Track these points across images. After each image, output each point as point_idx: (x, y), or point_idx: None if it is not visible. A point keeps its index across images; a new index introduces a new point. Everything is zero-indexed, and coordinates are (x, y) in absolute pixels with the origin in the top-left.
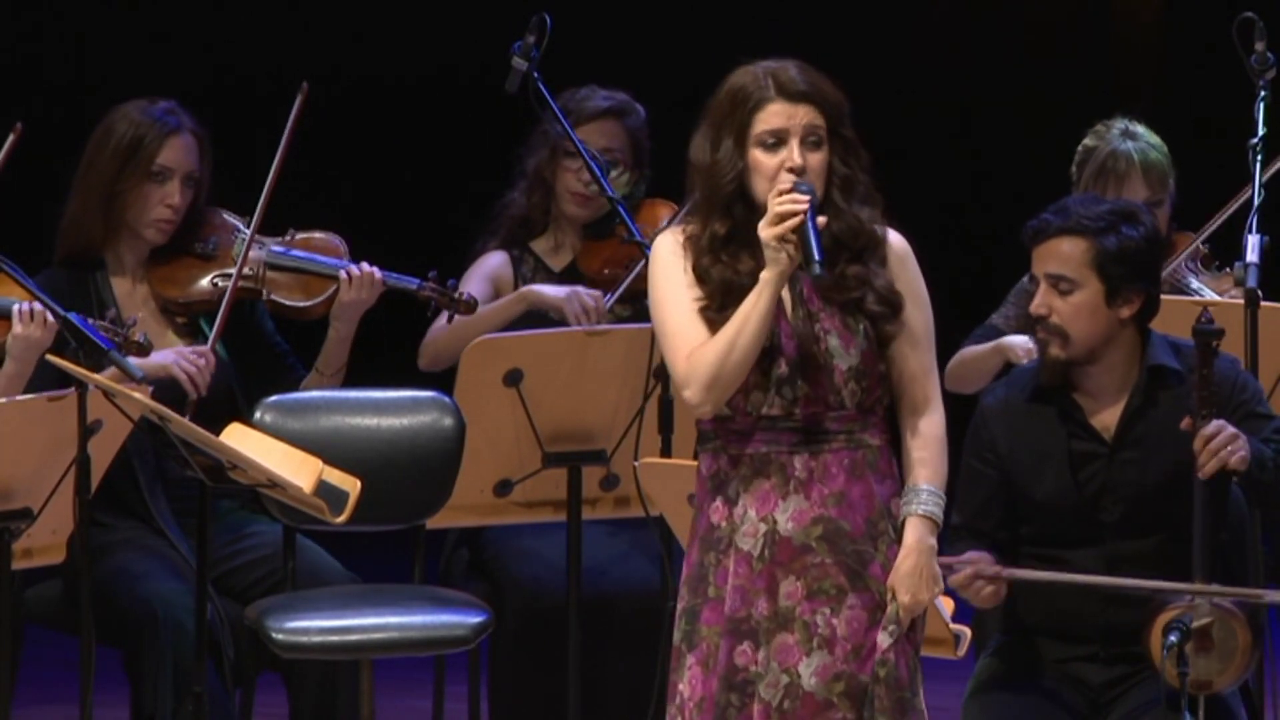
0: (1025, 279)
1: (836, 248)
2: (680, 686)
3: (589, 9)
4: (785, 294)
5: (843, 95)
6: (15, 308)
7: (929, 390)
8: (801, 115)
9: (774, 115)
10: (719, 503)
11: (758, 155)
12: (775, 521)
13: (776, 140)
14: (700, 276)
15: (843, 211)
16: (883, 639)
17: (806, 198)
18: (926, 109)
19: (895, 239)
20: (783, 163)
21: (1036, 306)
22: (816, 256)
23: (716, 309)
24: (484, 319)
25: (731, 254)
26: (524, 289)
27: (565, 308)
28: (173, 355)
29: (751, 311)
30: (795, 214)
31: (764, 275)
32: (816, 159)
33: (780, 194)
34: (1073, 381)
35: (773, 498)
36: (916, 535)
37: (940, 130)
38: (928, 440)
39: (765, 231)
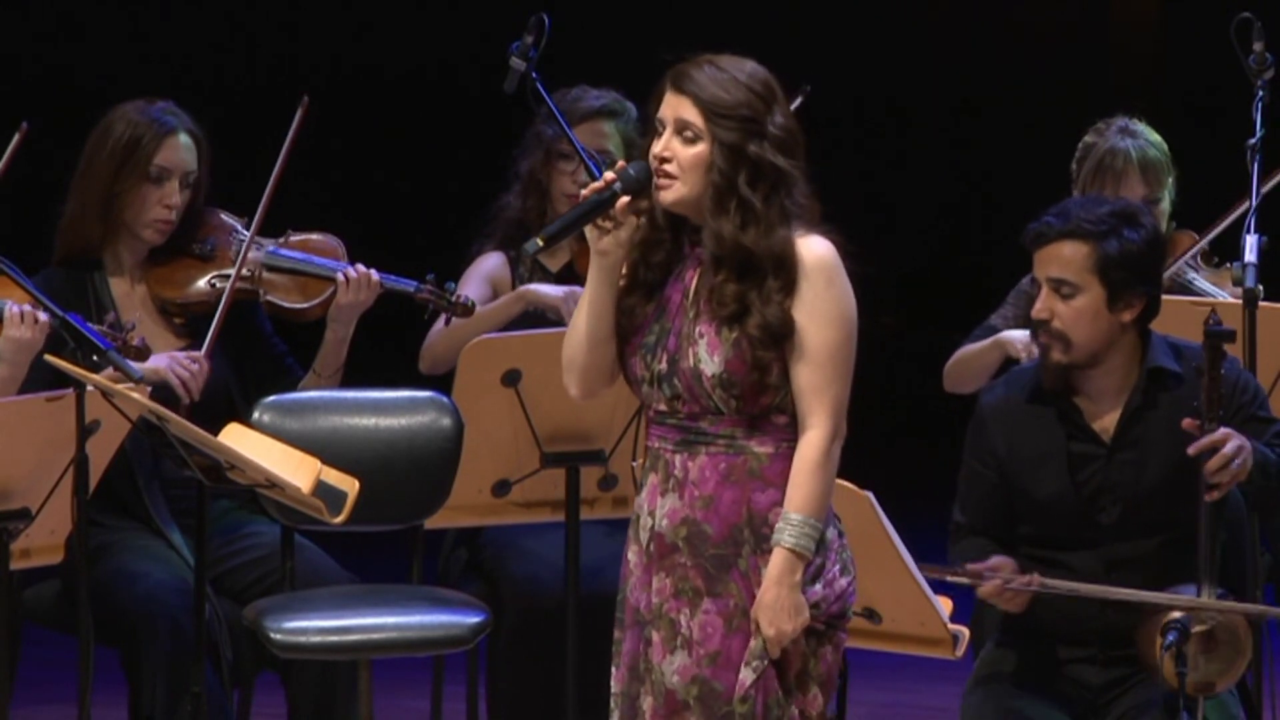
0: (1025, 280)
1: (712, 261)
2: (616, 674)
3: (587, 9)
4: (691, 290)
5: (749, 101)
6: (6, 309)
7: (815, 410)
8: (679, 106)
9: (664, 104)
10: (640, 492)
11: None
12: (655, 517)
13: (661, 128)
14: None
15: (708, 224)
16: (745, 675)
17: (610, 177)
18: (926, 109)
19: (810, 253)
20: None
21: (1038, 311)
22: (545, 231)
23: (624, 294)
24: (483, 319)
25: (648, 243)
26: (522, 289)
27: (562, 307)
28: (167, 360)
29: (583, 296)
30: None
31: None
32: (686, 154)
33: None
34: (1073, 384)
35: (656, 494)
36: (779, 568)
37: (940, 131)
38: (803, 463)
39: None
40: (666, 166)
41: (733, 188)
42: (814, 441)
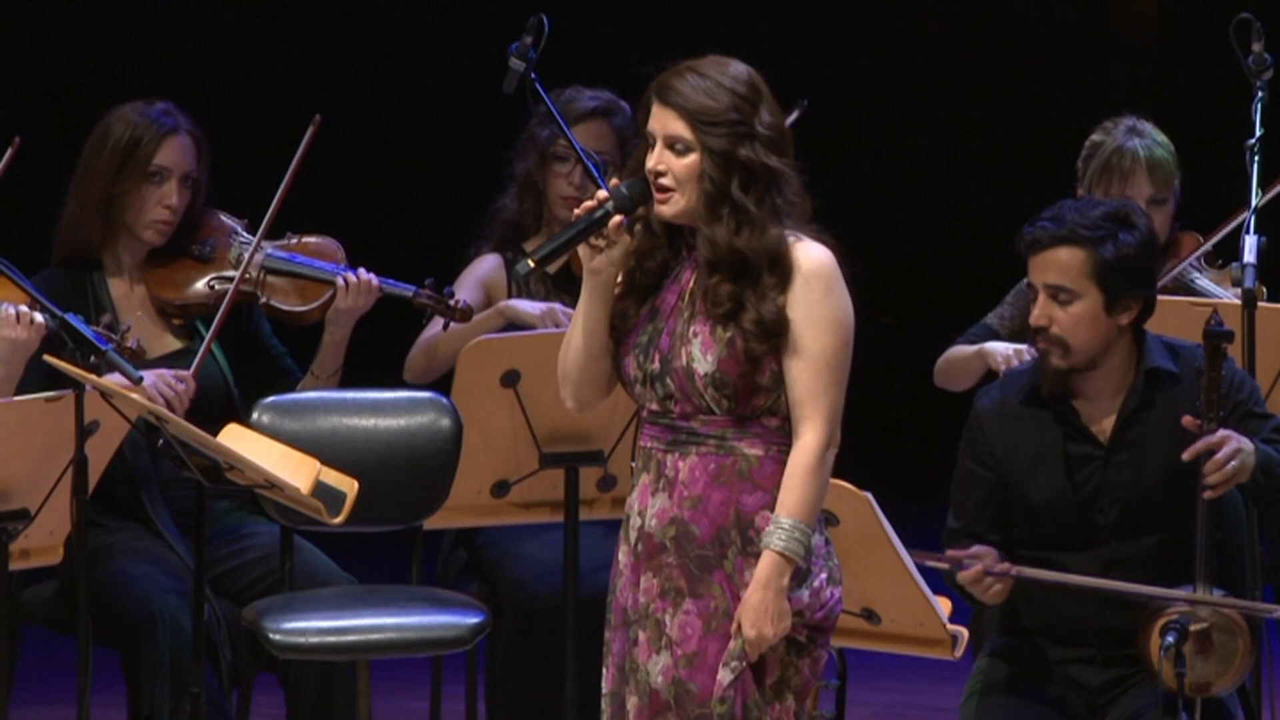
0: (1025, 281)
1: (707, 265)
2: (607, 675)
3: (586, 9)
4: (686, 291)
5: (735, 105)
6: (3, 310)
7: (811, 415)
8: (666, 120)
9: (651, 118)
10: (631, 492)
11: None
12: (644, 517)
13: (652, 141)
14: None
15: (702, 230)
16: (724, 675)
17: (603, 196)
18: (926, 110)
19: (807, 258)
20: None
21: (1036, 318)
22: (535, 253)
23: (619, 298)
24: (462, 333)
25: (644, 249)
26: (501, 304)
27: (539, 324)
28: (151, 378)
29: (577, 310)
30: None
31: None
32: (680, 165)
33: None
34: (1069, 386)
35: (648, 493)
36: (767, 571)
37: (939, 130)
38: (796, 468)
39: None
40: (663, 180)
41: (725, 194)
42: (808, 446)
